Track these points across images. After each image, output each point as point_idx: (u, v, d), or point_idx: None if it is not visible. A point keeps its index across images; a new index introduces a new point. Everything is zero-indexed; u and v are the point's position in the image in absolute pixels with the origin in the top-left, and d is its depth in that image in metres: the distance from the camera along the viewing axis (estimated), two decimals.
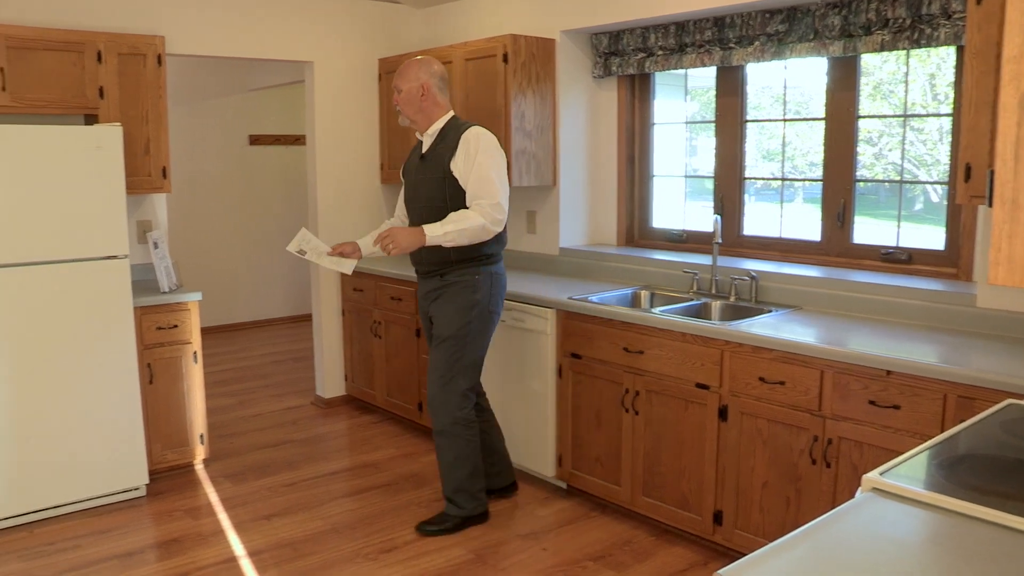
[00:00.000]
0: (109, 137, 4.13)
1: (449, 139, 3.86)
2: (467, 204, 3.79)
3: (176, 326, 4.53)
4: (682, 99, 4.95)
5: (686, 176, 4.95)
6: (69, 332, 4.09)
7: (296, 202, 8.69)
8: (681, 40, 4.44)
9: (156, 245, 4.64)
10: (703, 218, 4.77)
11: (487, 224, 3.73)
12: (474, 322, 3.89)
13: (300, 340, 8.00)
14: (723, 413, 3.50)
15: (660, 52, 4.58)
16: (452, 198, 3.82)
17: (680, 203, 4.96)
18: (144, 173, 4.64)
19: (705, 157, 4.80)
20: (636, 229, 5.06)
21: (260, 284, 8.75)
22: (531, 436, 4.42)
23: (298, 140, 8.70)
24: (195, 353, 4.61)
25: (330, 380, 5.92)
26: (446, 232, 3.70)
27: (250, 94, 8.41)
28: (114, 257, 4.20)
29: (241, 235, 8.55)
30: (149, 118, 4.63)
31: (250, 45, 5.32)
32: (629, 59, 4.75)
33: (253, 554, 3.78)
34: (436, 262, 3.90)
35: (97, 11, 4.73)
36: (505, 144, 4.76)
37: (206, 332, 7.69)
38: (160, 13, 4.93)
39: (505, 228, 3.93)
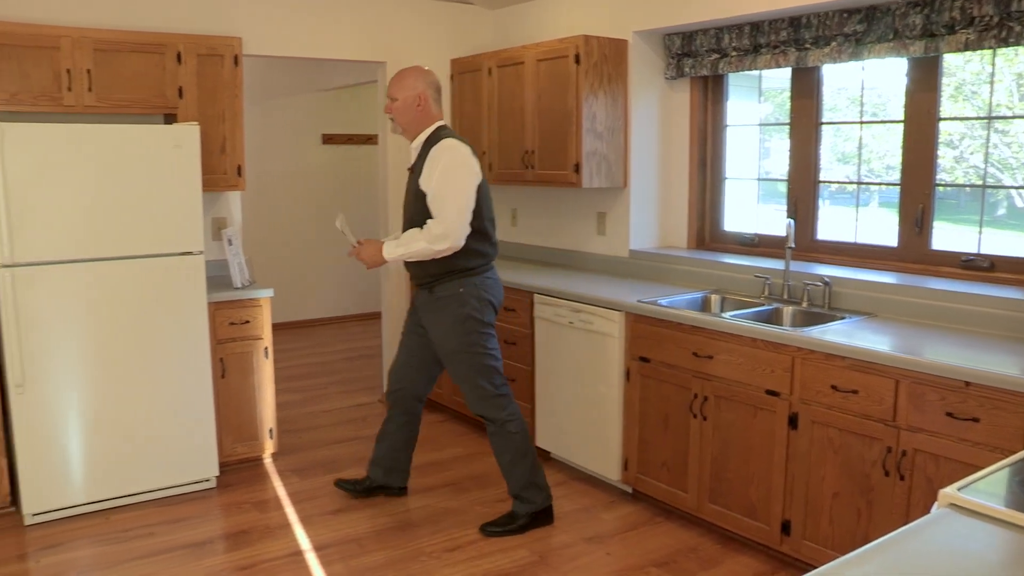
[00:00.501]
0: (187, 136, 4.22)
1: (426, 151, 3.85)
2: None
3: (248, 322, 4.61)
4: (755, 100, 4.88)
5: (759, 179, 4.87)
6: (146, 326, 4.19)
7: (367, 201, 8.77)
8: (756, 41, 4.38)
9: (230, 242, 4.73)
10: (775, 222, 4.68)
11: (429, 245, 3.75)
12: (472, 334, 3.91)
13: (369, 337, 8.08)
14: (793, 421, 3.43)
15: (734, 53, 4.51)
16: (424, 214, 3.82)
17: (752, 206, 4.88)
18: (220, 171, 4.74)
19: (778, 160, 4.72)
20: (707, 232, 5.00)
21: (331, 281, 8.86)
22: (596, 439, 4.39)
23: (370, 140, 8.79)
24: (266, 349, 4.69)
25: None
26: (399, 254, 3.84)
27: (323, 94, 8.53)
28: (190, 253, 4.28)
29: (313, 232, 8.66)
30: (226, 117, 4.72)
31: (324, 46, 5.39)
32: (702, 60, 4.69)
33: (319, 548, 3.82)
34: (422, 275, 3.95)
35: (178, 14, 4.84)
36: (576, 145, 4.75)
37: (277, 328, 7.80)
38: (237, 15, 5.03)
39: (494, 238, 3.95)
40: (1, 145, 3.81)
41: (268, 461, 4.86)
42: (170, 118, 4.66)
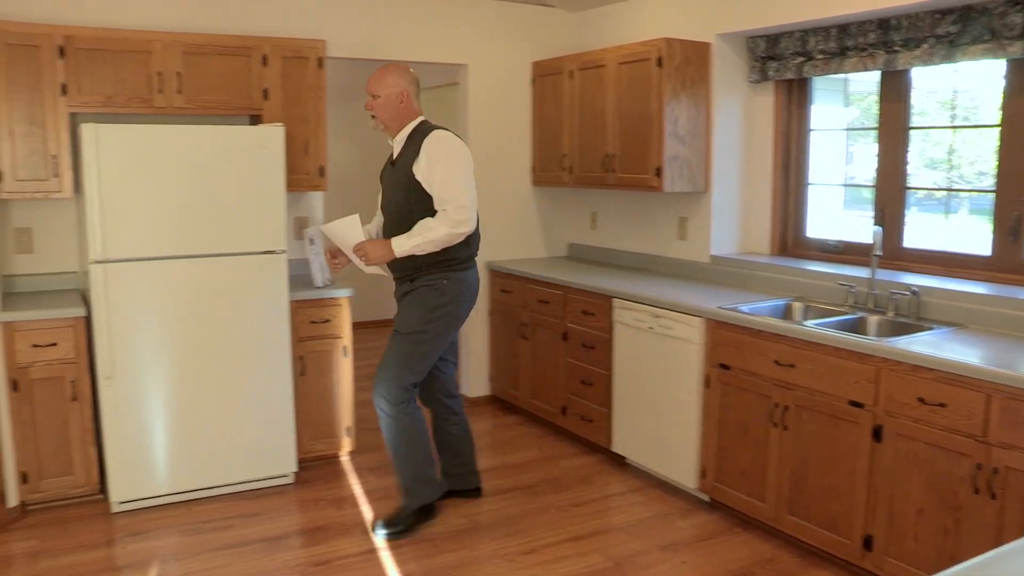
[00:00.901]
0: (272, 137, 4.29)
1: (414, 144, 3.89)
2: (435, 208, 3.84)
3: (328, 320, 4.67)
4: (841, 104, 4.77)
5: (844, 184, 4.76)
6: (229, 322, 4.28)
7: None
8: (842, 43, 4.28)
9: (312, 241, 4.80)
10: (861, 228, 4.57)
11: (451, 230, 3.80)
12: (435, 322, 3.93)
13: None
14: (877, 433, 3.34)
15: (820, 56, 4.42)
16: (417, 203, 3.86)
17: (837, 212, 4.77)
18: (303, 172, 4.81)
19: (864, 165, 4.60)
20: (790, 238, 4.90)
21: None
22: (673, 446, 4.34)
23: None
24: (345, 347, 4.74)
25: (475, 379, 5.99)
26: (414, 244, 3.82)
27: None
28: (273, 252, 4.36)
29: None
30: (309, 119, 4.80)
31: (407, 48, 5.44)
32: (787, 63, 4.60)
33: (393, 547, 3.85)
34: (407, 267, 3.95)
35: (264, 17, 4.93)
36: (657, 149, 4.71)
37: (357, 327, 7.87)
38: (322, 18, 5.11)
39: (477, 232, 4.00)
40: (96, 145, 3.93)
41: (345, 459, 4.92)
42: (255, 119, 4.76)
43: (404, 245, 3.82)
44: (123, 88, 4.35)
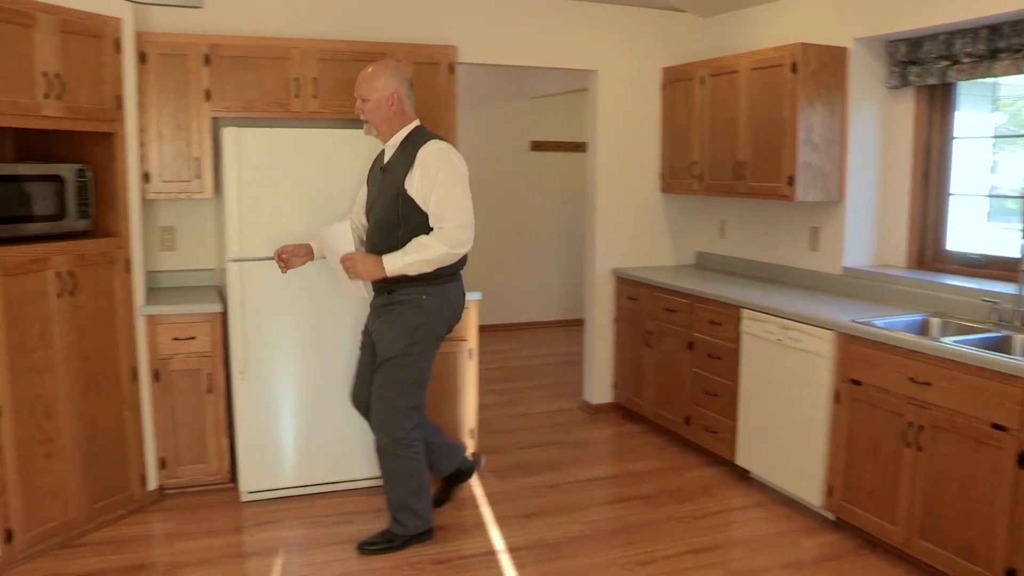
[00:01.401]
0: None
1: (407, 153, 3.68)
2: (430, 225, 3.64)
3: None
4: (987, 110, 4.55)
5: (988, 195, 4.54)
6: (357, 322, 4.37)
7: (574, 208, 8.85)
8: (993, 45, 4.08)
9: None
10: (1006, 242, 4.35)
11: (450, 250, 3.62)
12: (417, 343, 3.73)
13: (572, 344, 8.11)
14: (1022, 459, 3.17)
15: (966, 59, 4.22)
16: (404, 217, 3.65)
17: (980, 224, 4.55)
18: None
19: (1010, 174, 4.38)
20: (928, 251, 4.70)
21: (536, 286, 8.99)
22: (799, 462, 4.23)
23: (578, 147, 8.84)
24: (471, 350, 4.80)
25: (598, 386, 5.97)
26: (408, 263, 3.60)
27: (533, 101, 8.66)
28: None
29: (520, 238, 8.82)
30: (440, 123, 4.88)
31: (537, 54, 5.48)
32: (929, 68, 4.42)
33: (512, 550, 3.88)
34: (385, 278, 3.71)
35: (397, 24, 5.06)
36: (790, 157, 4.60)
37: (481, 330, 7.98)
38: (453, 25, 5.19)
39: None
40: (237, 148, 4.11)
41: None
42: None
43: (396, 264, 3.60)
44: (262, 93, 4.54)
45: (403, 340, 3.69)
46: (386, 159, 3.81)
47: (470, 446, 4.89)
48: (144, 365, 4.25)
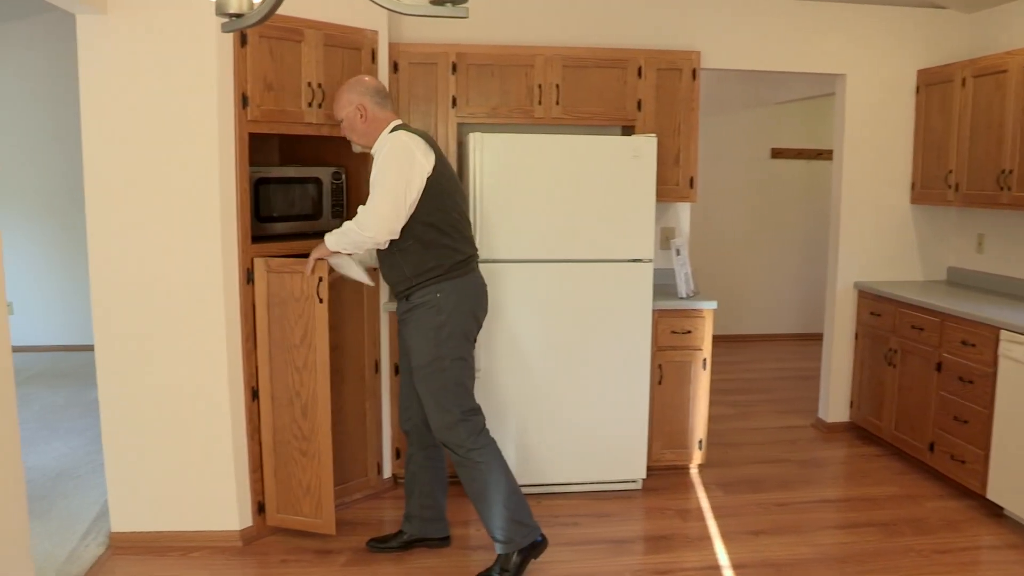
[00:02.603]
0: (645, 147, 4.37)
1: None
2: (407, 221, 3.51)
3: (689, 332, 4.68)
4: None
5: None
6: (593, 327, 4.42)
7: (815, 217, 8.53)
8: None
9: (678, 252, 4.83)
10: None
11: (354, 227, 3.48)
12: (444, 345, 3.54)
13: (807, 359, 7.81)
14: None
15: None
16: None
17: None
18: (672, 182, 4.87)
19: None
20: None
21: (772, 298, 8.73)
22: None
23: (821, 155, 8.51)
24: (704, 360, 4.72)
25: (834, 404, 5.71)
26: (333, 240, 3.57)
27: (774, 107, 8.41)
28: (640, 260, 4.43)
29: (757, 247, 8.60)
30: (681, 130, 4.84)
31: (782, 59, 5.31)
32: None
33: (736, 567, 3.78)
34: (395, 280, 3.62)
35: (640, 31, 5.05)
36: None
37: (714, 340, 7.84)
38: (697, 30, 5.13)
39: (464, 235, 3.63)
40: (481, 153, 4.24)
41: (694, 471, 4.91)
42: (627, 130, 4.88)
43: (329, 238, 3.60)
44: (506, 100, 4.67)
45: (430, 344, 3.56)
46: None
47: (697, 457, 4.81)
48: (386, 358, 4.47)
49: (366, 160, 4.27)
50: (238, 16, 1.89)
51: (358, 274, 3.76)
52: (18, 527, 2.62)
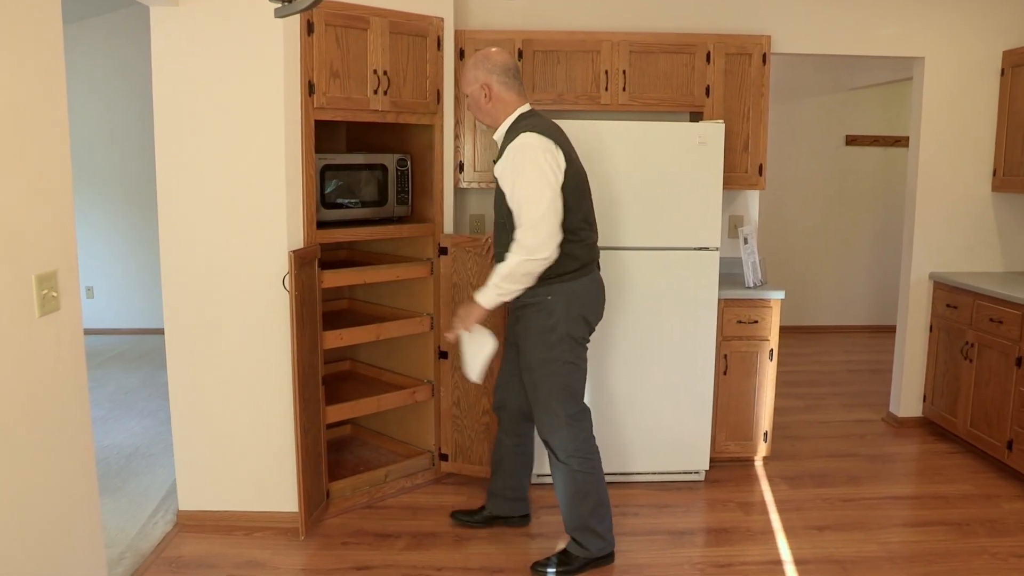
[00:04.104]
0: (712, 133, 4.29)
1: (504, 144, 3.42)
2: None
3: (756, 322, 4.60)
4: None
5: None
6: (658, 315, 4.36)
7: (889, 206, 8.32)
8: None
9: (746, 241, 4.75)
10: None
11: (525, 258, 3.27)
12: (554, 349, 3.46)
13: (879, 351, 7.64)
14: None
15: None
16: (509, 216, 3.39)
17: None
18: (741, 169, 4.78)
19: None
20: None
21: (843, 288, 8.55)
22: None
23: (898, 142, 8.28)
24: (771, 351, 4.64)
25: (906, 399, 5.57)
26: (499, 291, 3.36)
27: (849, 93, 8.21)
28: (706, 249, 4.36)
29: (828, 237, 8.42)
30: (749, 116, 4.75)
31: (857, 42, 5.16)
32: None
33: (799, 562, 3.71)
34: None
35: (708, 15, 4.96)
36: None
37: (782, 331, 7.71)
38: (767, 13, 5.01)
39: (589, 237, 3.51)
40: None
41: (759, 464, 4.83)
42: (695, 116, 4.81)
43: (490, 295, 3.38)
44: (572, 86, 4.64)
45: (540, 347, 3.49)
46: (497, 154, 3.58)
47: (762, 449, 4.74)
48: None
49: (431, 147, 4.29)
50: (290, 1, 1.90)
51: (488, 353, 3.57)
52: (89, 504, 2.70)
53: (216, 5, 3.61)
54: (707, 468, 4.56)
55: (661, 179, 4.27)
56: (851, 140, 8.31)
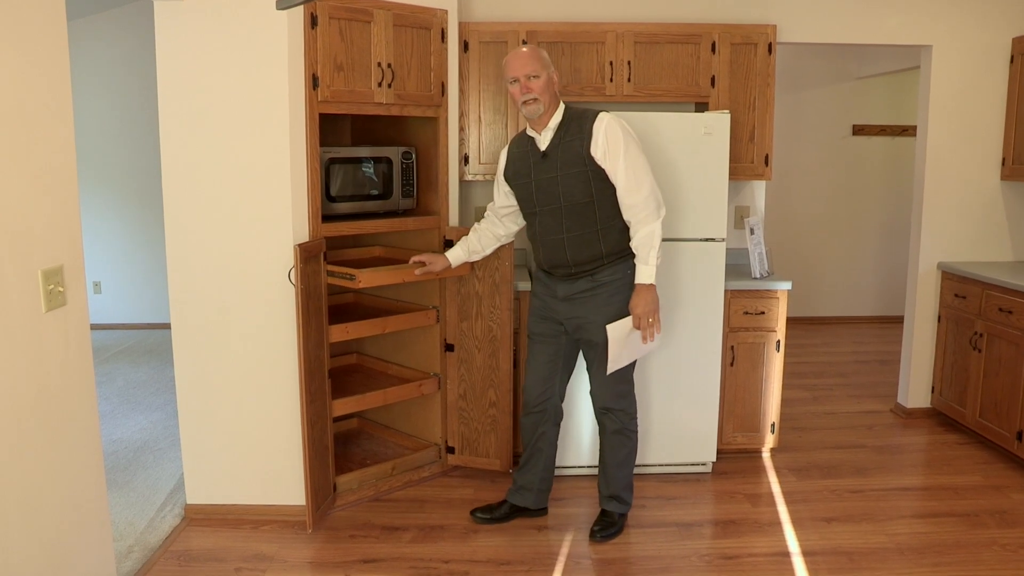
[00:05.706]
0: (718, 124, 4.27)
1: (573, 130, 3.54)
2: (619, 198, 3.53)
3: (763, 312, 4.59)
4: None
5: None
6: (665, 307, 4.31)
7: (897, 196, 8.28)
8: None
9: (752, 231, 4.73)
10: None
11: (656, 216, 3.54)
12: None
13: (887, 342, 7.61)
14: None
15: None
16: (601, 194, 3.54)
17: None
18: (747, 160, 4.76)
19: None
20: None
21: (850, 279, 8.52)
22: None
23: (905, 131, 8.24)
24: (778, 342, 4.63)
25: (915, 389, 5.55)
26: (656, 261, 3.54)
27: (855, 82, 8.17)
28: (712, 240, 4.34)
29: (835, 227, 8.40)
30: (755, 106, 4.73)
31: (863, 30, 5.13)
32: None
33: (807, 554, 3.70)
34: (585, 260, 3.60)
35: (714, 4, 4.94)
36: None
37: (789, 322, 7.69)
38: (773, 2, 4.98)
39: None
40: None
41: (766, 455, 4.82)
42: (701, 106, 4.79)
43: (651, 271, 3.54)
44: (577, 77, 4.62)
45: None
46: (543, 145, 3.62)
47: (769, 440, 4.73)
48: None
49: (436, 139, 4.28)
50: None
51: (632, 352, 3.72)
52: (97, 499, 2.70)
53: None
54: (714, 460, 4.55)
55: (667, 170, 4.25)
56: (858, 130, 8.27)
